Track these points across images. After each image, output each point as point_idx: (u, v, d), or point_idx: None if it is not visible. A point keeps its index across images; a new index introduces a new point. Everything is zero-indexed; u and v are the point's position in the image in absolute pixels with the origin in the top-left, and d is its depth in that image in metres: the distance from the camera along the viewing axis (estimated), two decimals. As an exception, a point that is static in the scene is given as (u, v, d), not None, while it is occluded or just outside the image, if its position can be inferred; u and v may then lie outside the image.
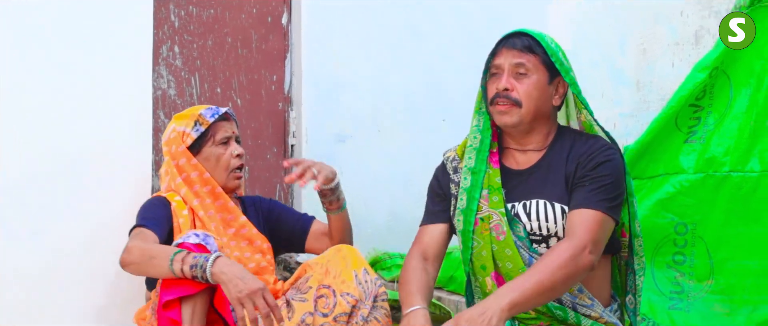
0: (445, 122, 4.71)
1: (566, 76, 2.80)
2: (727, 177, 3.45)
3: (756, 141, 3.43)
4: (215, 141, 3.21)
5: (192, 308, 2.80)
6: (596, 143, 2.79)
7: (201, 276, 2.73)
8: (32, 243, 3.41)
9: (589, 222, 2.65)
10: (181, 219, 3.08)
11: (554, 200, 2.77)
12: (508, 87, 2.77)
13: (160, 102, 4.14)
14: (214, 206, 3.17)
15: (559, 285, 2.59)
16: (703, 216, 3.48)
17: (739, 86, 3.50)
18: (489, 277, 2.82)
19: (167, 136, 3.26)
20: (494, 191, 2.82)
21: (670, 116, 3.57)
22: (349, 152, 4.58)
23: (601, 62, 4.76)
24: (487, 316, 2.49)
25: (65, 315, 3.43)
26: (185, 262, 2.75)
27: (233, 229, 3.18)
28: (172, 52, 4.22)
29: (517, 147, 2.88)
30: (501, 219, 2.79)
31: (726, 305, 3.39)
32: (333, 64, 4.57)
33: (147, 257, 2.82)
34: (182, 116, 3.27)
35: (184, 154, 3.19)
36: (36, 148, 3.45)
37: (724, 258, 3.42)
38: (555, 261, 2.58)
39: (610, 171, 2.72)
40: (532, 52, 2.78)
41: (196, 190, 3.16)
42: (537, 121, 2.82)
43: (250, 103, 4.41)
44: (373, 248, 4.49)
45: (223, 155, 3.21)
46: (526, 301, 2.55)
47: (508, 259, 2.78)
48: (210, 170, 3.20)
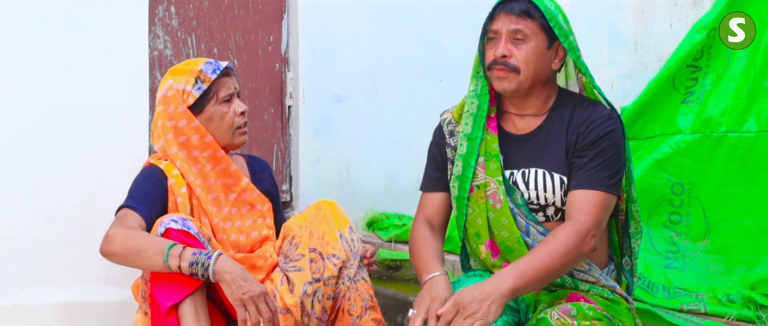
0: (443, 83, 4.71)
1: (565, 41, 2.75)
2: (724, 138, 3.45)
3: (753, 101, 3.43)
4: (219, 99, 2.99)
5: (193, 305, 2.68)
6: (595, 112, 2.76)
7: (201, 274, 2.64)
8: (27, 205, 3.41)
9: (591, 205, 2.65)
10: (179, 199, 2.91)
11: (553, 170, 2.75)
12: (506, 53, 2.73)
13: (157, 62, 4.13)
14: (214, 171, 2.98)
15: (560, 270, 2.61)
16: (700, 176, 3.49)
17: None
18: (483, 245, 2.82)
19: (163, 93, 2.99)
20: (492, 158, 2.80)
21: (668, 77, 3.57)
22: (347, 112, 4.59)
23: (598, 23, 4.74)
24: (487, 303, 2.50)
25: (59, 278, 3.44)
26: (183, 258, 2.63)
27: (235, 194, 3.02)
28: (168, 12, 4.21)
29: (515, 111, 2.85)
30: (498, 187, 2.77)
31: (721, 264, 3.40)
32: (330, 24, 4.56)
33: (134, 250, 2.67)
34: (179, 71, 3.01)
35: (185, 114, 2.95)
36: (31, 110, 3.45)
37: (720, 218, 3.44)
38: (558, 248, 2.58)
39: (609, 143, 2.70)
40: (530, 16, 2.72)
41: (194, 156, 2.96)
42: (536, 85, 2.79)
43: (247, 64, 4.40)
44: (370, 208, 4.51)
45: (227, 113, 2.99)
46: (527, 286, 2.56)
47: (504, 228, 2.77)
48: (213, 130, 2.98)
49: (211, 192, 2.97)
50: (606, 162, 2.68)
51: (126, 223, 2.75)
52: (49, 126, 3.44)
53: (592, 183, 2.67)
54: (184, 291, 2.66)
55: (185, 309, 2.67)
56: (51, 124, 3.44)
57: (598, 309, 2.65)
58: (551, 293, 2.79)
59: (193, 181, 2.94)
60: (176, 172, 2.94)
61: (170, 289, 2.67)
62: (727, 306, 3.23)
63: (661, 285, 3.45)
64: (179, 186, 2.92)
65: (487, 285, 2.53)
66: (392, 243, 4.28)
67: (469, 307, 2.49)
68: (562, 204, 2.75)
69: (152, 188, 2.89)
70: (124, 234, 2.71)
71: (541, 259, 2.57)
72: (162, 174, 2.93)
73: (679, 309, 3.30)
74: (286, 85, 4.54)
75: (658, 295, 3.40)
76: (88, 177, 3.48)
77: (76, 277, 3.45)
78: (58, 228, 3.43)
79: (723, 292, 3.31)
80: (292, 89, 4.53)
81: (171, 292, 2.66)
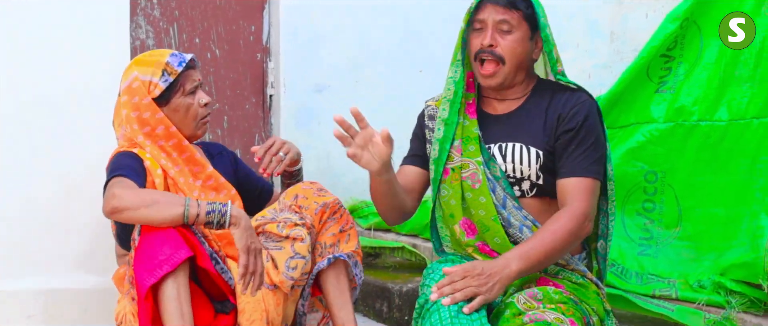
0: (422, 73, 4.75)
1: (542, 31, 2.86)
2: (696, 126, 3.48)
3: (724, 90, 3.46)
4: (185, 91, 3.02)
5: (176, 286, 2.68)
6: (574, 96, 2.87)
7: (218, 220, 2.68)
8: (7, 193, 3.42)
9: (583, 191, 2.78)
10: (157, 180, 2.94)
11: (530, 144, 2.86)
12: (493, 43, 2.84)
13: (139, 52, 4.16)
14: (181, 159, 3.01)
15: (561, 252, 2.75)
16: (673, 164, 3.52)
17: (709, 37, 3.52)
18: (457, 225, 2.91)
19: (128, 83, 3.00)
20: (470, 141, 2.89)
21: (642, 67, 3.60)
22: (328, 102, 4.62)
23: (577, 14, 4.79)
24: (493, 279, 2.63)
25: (41, 263, 3.45)
26: (201, 207, 2.68)
27: (200, 181, 3.04)
28: (150, 2, 4.24)
29: (495, 97, 2.96)
30: (477, 167, 2.87)
31: (693, 251, 3.44)
32: (311, 15, 4.59)
33: (148, 201, 2.68)
34: (145, 62, 3.03)
35: (149, 106, 2.98)
36: (13, 98, 3.47)
37: (692, 206, 3.47)
38: (559, 231, 2.71)
39: (591, 129, 2.83)
40: (516, 7, 2.83)
41: (161, 145, 2.99)
42: (517, 75, 2.90)
43: (229, 54, 4.44)
44: (351, 197, 4.54)
45: (192, 105, 3.03)
46: (531, 268, 2.70)
47: (482, 207, 2.85)
48: (178, 121, 3.02)
49: (181, 175, 3.01)
50: (590, 148, 2.81)
51: (127, 185, 2.76)
52: (30, 114, 3.46)
53: (581, 170, 2.80)
54: (166, 269, 2.65)
55: (167, 290, 2.67)
56: (32, 113, 3.46)
57: (565, 292, 2.72)
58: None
59: (165, 164, 2.98)
60: (149, 156, 2.96)
61: (151, 269, 2.66)
62: (698, 292, 3.27)
63: (634, 271, 3.49)
64: (155, 168, 2.95)
65: (495, 264, 2.66)
66: (371, 231, 4.32)
67: (477, 278, 2.62)
68: (537, 178, 2.85)
69: (134, 163, 2.91)
70: (131, 190, 2.72)
71: (544, 243, 2.69)
72: (136, 156, 2.95)
73: (652, 294, 3.34)
74: (267, 75, 4.57)
75: (631, 281, 3.44)
76: (69, 165, 3.49)
77: (55, 265, 3.46)
78: (39, 215, 3.44)
79: (694, 278, 3.34)
80: (273, 79, 4.57)
81: (152, 272, 2.66)
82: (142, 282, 2.66)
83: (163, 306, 2.68)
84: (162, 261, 2.65)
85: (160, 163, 2.97)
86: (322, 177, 4.58)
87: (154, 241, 2.68)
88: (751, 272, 3.16)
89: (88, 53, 3.57)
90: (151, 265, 2.66)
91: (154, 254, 2.67)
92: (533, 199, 2.88)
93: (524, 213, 2.86)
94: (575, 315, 2.64)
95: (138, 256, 2.71)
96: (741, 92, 3.42)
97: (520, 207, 2.86)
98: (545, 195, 2.89)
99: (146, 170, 2.94)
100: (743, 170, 3.36)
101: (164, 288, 2.67)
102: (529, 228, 2.83)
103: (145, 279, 2.66)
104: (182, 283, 2.70)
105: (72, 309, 3.43)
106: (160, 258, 2.66)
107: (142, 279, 2.67)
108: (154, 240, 2.68)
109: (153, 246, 2.67)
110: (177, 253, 2.66)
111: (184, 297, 2.70)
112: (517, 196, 2.88)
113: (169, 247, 2.66)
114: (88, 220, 3.40)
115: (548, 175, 2.86)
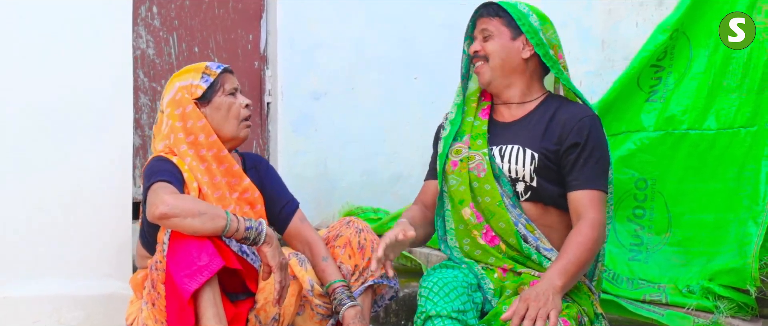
0: (417, 80, 4.81)
1: (533, 37, 3.08)
2: (686, 135, 3.54)
3: (713, 100, 3.52)
4: (225, 91, 3.07)
5: (212, 292, 2.79)
6: (579, 108, 3.08)
7: (254, 237, 2.81)
8: (13, 199, 3.43)
9: (595, 202, 2.99)
10: (192, 193, 2.96)
11: (526, 146, 3.05)
12: (478, 49, 3.15)
13: (140, 61, 4.22)
14: (219, 170, 3.05)
15: (590, 260, 2.95)
16: (662, 172, 3.58)
17: (698, 47, 3.58)
18: (467, 208, 3.09)
19: (171, 95, 3.07)
20: (478, 136, 3.13)
21: (632, 76, 3.65)
22: (324, 110, 4.67)
23: (569, 22, 4.86)
24: (549, 294, 2.80)
25: (45, 272, 3.47)
26: (240, 223, 2.80)
27: (237, 193, 3.08)
28: (150, 12, 4.30)
29: (501, 102, 3.18)
30: (483, 158, 3.08)
31: (682, 256, 3.50)
32: (308, 23, 4.64)
33: (195, 212, 2.76)
34: (183, 72, 3.12)
35: (193, 113, 3.03)
36: (16, 107, 3.48)
37: (682, 212, 3.53)
38: (585, 242, 2.92)
39: (597, 142, 3.03)
40: (497, 15, 3.13)
41: (202, 154, 3.02)
42: (512, 75, 3.13)
43: (227, 62, 4.48)
44: (347, 202, 4.59)
45: (234, 104, 3.08)
46: (572, 279, 2.89)
47: (487, 194, 3.06)
48: (220, 122, 3.06)
49: (216, 190, 3.04)
50: (599, 162, 3.02)
51: (172, 191, 2.84)
52: (36, 122, 3.46)
53: (592, 183, 3.00)
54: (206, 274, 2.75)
55: (206, 295, 2.77)
56: (38, 120, 3.46)
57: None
58: (517, 277, 3.02)
59: (201, 178, 3.01)
60: (187, 168, 3.00)
61: (191, 275, 2.74)
62: (687, 297, 3.34)
63: (625, 276, 3.55)
64: (191, 181, 2.99)
65: (541, 286, 2.83)
66: (368, 236, 4.37)
67: (536, 301, 2.77)
68: (531, 180, 3.03)
69: (174, 169, 2.97)
70: (179, 198, 2.80)
71: (576, 255, 2.90)
72: (175, 165, 2.99)
73: (642, 299, 3.41)
74: (265, 83, 4.63)
75: (622, 286, 3.50)
76: (73, 172, 3.52)
77: (61, 270, 3.49)
78: (44, 221, 3.46)
79: (684, 283, 3.41)
80: (270, 86, 4.62)
81: (193, 277, 2.74)
82: (184, 287, 2.74)
83: (203, 311, 2.78)
84: (202, 268, 2.75)
85: (195, 177, 3.01)
86: (319, 182, 4.65)
87: (191, 248, 2.76)
88: (739, 278, 3.23)
89: (93, 61, 3.58)
90: (190, 271, 2.74)
91: (192, 261, 2.75)
92: (527, 203, 3.05)
93: (519, 211, 3.03)
94: (569, 314, 2.83)
95: (175, 261, 2.77)
96: (729, 102, 3.49)
97: (516, 206, 3.04)
98: (539, 201, 3.04)
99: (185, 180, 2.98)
100: (731, 178, 3.43)
101: (204, 293, 2.77)
102: (523, 225, 3.01)
103: (186, 285, 2.74)
104: (216, 288, 2.81)
105: (77, 314, 3.47)
106: (199, 264, 2.75)
107: (184, 285, 2.74)
108: (191, 247, 2.77)
109: (190, 253, 2.76)
110: (214, 261, 2.77)
111: (219, 301, 2.82)
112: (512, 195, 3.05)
113: (207, 255, 2.76)
114: (93, 226, 3.44)
115: (542, 180, 3.02)
